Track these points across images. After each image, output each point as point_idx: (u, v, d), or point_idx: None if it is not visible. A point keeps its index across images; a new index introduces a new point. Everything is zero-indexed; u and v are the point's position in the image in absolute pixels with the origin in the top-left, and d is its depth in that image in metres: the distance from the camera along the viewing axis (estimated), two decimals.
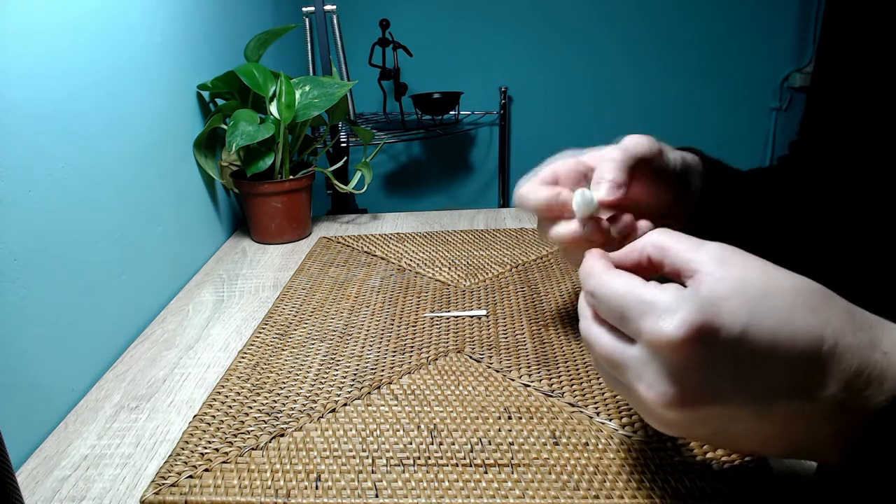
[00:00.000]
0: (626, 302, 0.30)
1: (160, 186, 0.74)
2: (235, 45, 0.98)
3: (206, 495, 0.41)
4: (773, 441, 0.31)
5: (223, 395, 0.52)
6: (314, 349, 0.58)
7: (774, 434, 0.30)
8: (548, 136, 1.88)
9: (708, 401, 0.29)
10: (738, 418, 0.29)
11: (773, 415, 0.29)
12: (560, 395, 0.50)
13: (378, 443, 0.45)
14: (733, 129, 1.83)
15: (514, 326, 0.60)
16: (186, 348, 0.61)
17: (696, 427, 0.31)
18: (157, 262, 0.72)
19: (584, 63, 1.81)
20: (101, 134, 0.62)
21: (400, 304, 0.66)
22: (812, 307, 0.29)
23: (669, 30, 1.76)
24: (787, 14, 1.73)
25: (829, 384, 0.28)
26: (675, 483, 0.40)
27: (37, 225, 0.52)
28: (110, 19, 0.64)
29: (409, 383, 0.52)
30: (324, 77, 0.89)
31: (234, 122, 0.79)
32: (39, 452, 0.48)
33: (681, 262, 0.31)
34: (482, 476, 0.42)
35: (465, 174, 1.96)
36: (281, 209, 0.85)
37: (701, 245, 0.32)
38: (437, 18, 1.79)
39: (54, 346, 0.53)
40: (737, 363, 0.28)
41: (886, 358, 0.29)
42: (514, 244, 0.81)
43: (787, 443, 0.31)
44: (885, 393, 0.28)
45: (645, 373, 0.30)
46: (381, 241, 0.84)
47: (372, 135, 0.97)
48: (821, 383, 0.29)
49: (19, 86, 0.51)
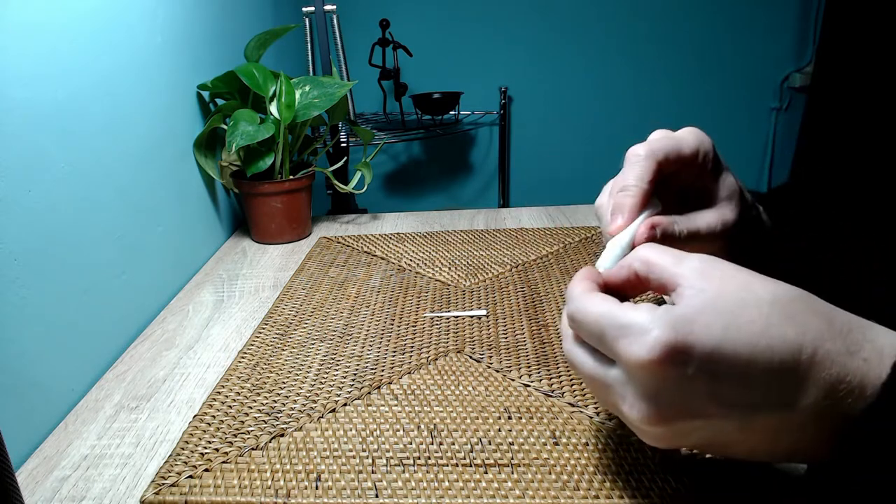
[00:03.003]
0: (603, 325, 0.31)
1: (160, 186, 0.74)
2: (235, 45, 0.98)
3: (206, 495, 0.41)
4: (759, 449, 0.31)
5: (223, 395, 0.52)
6: (314, 349, 0.58)
7: (760, 442, 0.31)
8: (548, 136, 1.88)
9: (686, 417, 0.29)
10: (722, 430, 0.30)
11: (756, 426, 0.29)
12: (560, 395, 0.50)
13: (378, 443, 0.45)
14: (733, 129, 1.83)
15: (514, 326, 0.60)
16: (186, 348, 0.61)
17: (681, 439, 0.31)
18: (157, 262, 0.72)
19: (584, 63, 1.81)
20: (101, 134, 0.62)
21: (400, 304, 0.66)
22: (789, 315, 0.29)
23: (669, 30, 1.76)
24: (787, 14, 1.73)
25: (810, 392, 0.28)
26: (674, 483, 0.40)
27: (37, 225, 0.52)
28: (110, 19, 0.64)
29: (409, 383, 0.52)
30: (324, 77, 0.89)
31: (234, 122, 0.79)
32: (39, 452, 0.48)
33: (665, 277, 0.32)
34: (482, 476, 0.42)
35: (465, 174, 1.96)
36: (281, 209, 0.85)
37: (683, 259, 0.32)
38: (437, 18, 1.79)
39: (54, 346, 0.53)
40: (713, 378, 0.28)
41: (867, 364, 0.29)
42: (514, 244, 0.81)
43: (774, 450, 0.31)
44: (867, 400, 0.28)
45: (625, 392, 0.31)
46: (381, 241, 0.84)
47: (372, 135, 0.97)
48: (802, 392, 0.29)
49: (19, 86, 0.51)
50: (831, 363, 0.28)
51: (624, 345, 0.29)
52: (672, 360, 0.28)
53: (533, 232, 0.85)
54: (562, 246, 0.79)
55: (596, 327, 0.31)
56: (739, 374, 0.28)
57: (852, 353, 0.29)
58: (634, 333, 0.29)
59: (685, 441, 0.32)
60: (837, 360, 0.28)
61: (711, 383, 0.28)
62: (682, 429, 0.30)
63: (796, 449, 0.31)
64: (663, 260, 0.32)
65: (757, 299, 0.29)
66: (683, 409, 0.29)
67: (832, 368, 0.28)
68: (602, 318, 0.31)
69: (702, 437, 0.31)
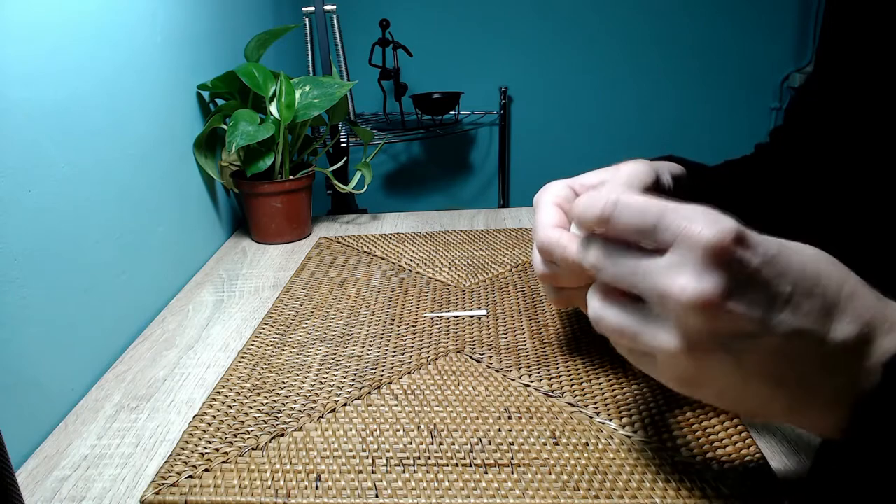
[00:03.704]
0: (661, 211, 0.30)
1: (160, 186, 0.74)
2: (235, 45, 0.98)
3: (206, 495, 0.41)
4: (782, 388, 0.31)
5: (223, 395, 0.52)
6: (314, 349, 0.58)
7: (787, 375, 0.30)
8: (548, 136, 1.88)
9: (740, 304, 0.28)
10: (759, 344, 0.29)
11: (791, 348, 0.29)
12: (560, 395, 0.50)
13: (378, 443, 0.45)
14: (733, 129, 1.83)
15: (514, 326, 0.60)
16: (186, 348, 0.61)
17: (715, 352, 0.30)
18: (157, 262, 0.72)
19: (584, 63, 1.81)
20: (101, 134, 0.62)
21: (400, 304, 0.66)
22: (829, 260, 0.31)
23: (669, 30, 1.76)
24: (787, 14, 1.73)
25: (846, 323, 0.30)
26: (675, 483, 0.40)
27: (37, 225, 0.52)
28: (110, 19, 0.64)
29: (409, 383, 0.52)
30: (324, 77, 0.89)
31: (234, 122, 0.79)
32: (39, 452, 0.48)
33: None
34: (482, 476, 0.42)
35: (465, 174, 1.96)
36: (281, 209, 0.85)
37: None
38: (437, 18, 1.79)
39: (54, 346, 0.53)
40: (769, 280, 0.29)
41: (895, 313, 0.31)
42: (514, 244, 0.81)
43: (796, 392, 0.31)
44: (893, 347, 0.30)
45: (683, 271, 0.29)
46: (381, 241, 0.84)
47: (372, 135, 0.97)
48: (839, 321, 0.30)
49: (19, 86, 0.51)
50: (868, 305, 0.30)
51: (693, 226, 0.29)
52: (742, 245, 0.28)
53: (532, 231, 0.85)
54: None
55: (655, 210, 0.30)
56: (791, 285, 0.29)
57: (886, 304, 0.31)
58: (703, 218, 0.29)
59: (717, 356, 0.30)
60: (873, 304, 0.31)
61: (767, 284, 0.29)
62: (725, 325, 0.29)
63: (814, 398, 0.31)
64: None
65: (801, 245, 0.31)
66: (740, 295, 0.28)
67: (868, 309, 0.30)
68: (659, 205, 0.30)
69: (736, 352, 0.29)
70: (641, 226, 0.30)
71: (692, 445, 0.43)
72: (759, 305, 0.29)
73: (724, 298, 0.28)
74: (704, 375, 0.31)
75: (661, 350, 0.31)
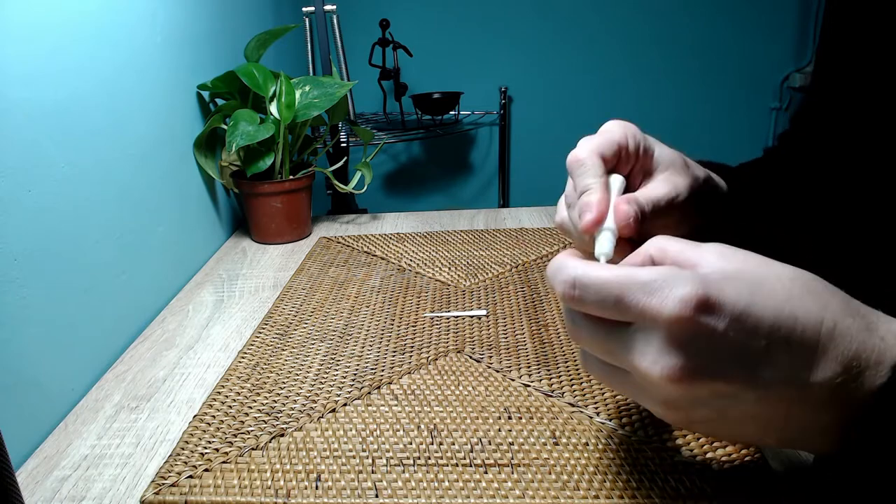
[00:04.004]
0: (622, 285, 0.30)
1: (160, 186, 0.74)
2: (235, 45, 0.98)
3: (206, 495, 0.41)
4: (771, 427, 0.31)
5: (223, 395, 0.52)
6: (314, 349, 0.58)
7: (774, 418, 0.30)
8: (548, 136, 1.88)
9: (712, 375, 0.29)
10: (739, 399, 0.29)
11: (774, 397, 0.29)
12: (560, 395, 0.50)
13: (378, 443, 0.45)
14: (733, 129, 1.83)
15: (514, 326, 0.60)
16: (186, 348, 0.61)
17: (696, 409, 0.30)
18: (157, 262, 0.72)
19: (584, 63, 1.81)
20: (101, 134, 0.62)
21: (400, 304, 0.66)
22: (810, 290, 0.30)
23: (669, 30, 1.76)
24: (787, 14, 1.73)
25: (828, 366, 0.29)
26: (675, 483, 0.40)
27: (37, 225, 0.52)
28: (110, 19, 0.64)
29: (409, 383, 0.52)
30: (324, 77, 0.89)
31: (234, 122, 0.79)
32: (39, 452, 0.48)
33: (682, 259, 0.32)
34: (482, 476, 0.42)
35: (465, 174, 1.95)
36: (281, 209, 0.85)
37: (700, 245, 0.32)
38: (437, 18, 1.79)
39: (54, 346, 0.53)
40: (741, 339, 0.28)
41: (884, 343, 0.29)
42: (514, 244, 0.81)
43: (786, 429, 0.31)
44: (883, 376, 0.29)
45: (648, 349, 0.29)
46: (381, 241, 0.84)
47: (372, 135, 0.97)
48: (820, 365, 0.29)
49: (19, 86, 0.51)
50: (850, 339, 0.29)
51: (652, 301, 0.29)
52: (706, 312, 0.28)
53: (533, 232, 0.85)
54: (562, 246, 0.79)
55: (614, 288, 0.30)
56: (764, 339, 0.28)
57: (870, 331, 0.30)
58: (662, 288, 0.28)
59: (700, 412, 0.31)
60: (857, 336, 0.29)
61: (739, 344, 0.28)
62: (701, 393, 0.29)
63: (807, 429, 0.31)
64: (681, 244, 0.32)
65: (778, 274, 0.30)
66: (710, 364, 0.29)
67: (851, 344, 0.29)
68: (618, 279, 0.30)
69: (718, 407, 0.30)
70: (604, 305, 0.31)
71: (692, 445, 0.43)
72: (733, 368, 0.29)
73: (691, 374, 0.28)
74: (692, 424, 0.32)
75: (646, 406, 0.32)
